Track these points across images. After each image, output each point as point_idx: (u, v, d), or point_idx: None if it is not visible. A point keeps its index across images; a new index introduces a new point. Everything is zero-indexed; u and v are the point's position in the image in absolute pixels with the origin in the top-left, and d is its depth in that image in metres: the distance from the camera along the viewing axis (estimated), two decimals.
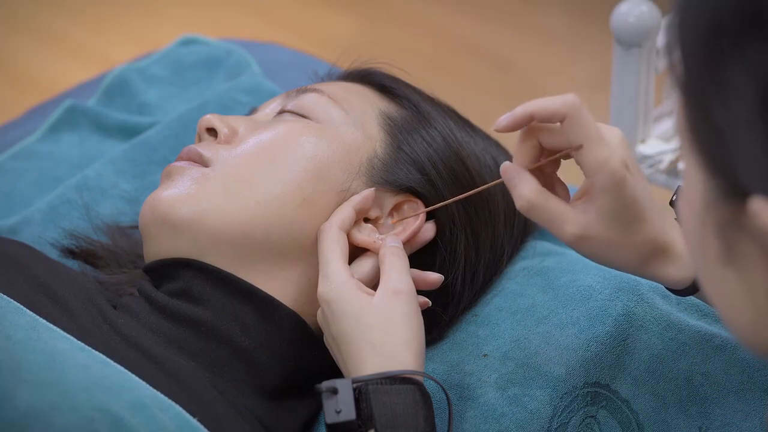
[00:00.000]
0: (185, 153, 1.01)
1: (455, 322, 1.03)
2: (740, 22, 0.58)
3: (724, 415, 0.95)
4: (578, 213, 0.85)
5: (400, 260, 0.94)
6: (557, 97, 0.85)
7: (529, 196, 0.85)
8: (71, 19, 2.56)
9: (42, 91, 1.87)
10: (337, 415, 0.85)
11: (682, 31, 0.61)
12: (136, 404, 0.85)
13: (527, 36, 2.57)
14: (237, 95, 1.34)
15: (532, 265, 1.06)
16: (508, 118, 0.86)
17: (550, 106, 0.85)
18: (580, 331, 0.98)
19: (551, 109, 0.84)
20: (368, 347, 0.88)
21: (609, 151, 0.83)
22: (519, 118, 0.85)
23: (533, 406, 0.96)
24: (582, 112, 0.83)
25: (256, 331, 0.96)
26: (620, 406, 0.96)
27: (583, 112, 0.83)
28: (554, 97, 0.85)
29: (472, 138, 1.07)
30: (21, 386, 0.82)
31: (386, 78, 1.09)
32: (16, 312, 0.90)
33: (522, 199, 0.85)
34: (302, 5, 2.66)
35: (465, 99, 1.31)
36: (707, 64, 0.59)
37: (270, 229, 0.97)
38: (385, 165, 1.01)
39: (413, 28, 2.60)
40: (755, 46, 0.57)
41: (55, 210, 1.21)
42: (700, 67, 0.60)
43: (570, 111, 0.83)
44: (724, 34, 0.58)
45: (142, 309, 0.98)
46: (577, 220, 0.84)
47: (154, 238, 0.99)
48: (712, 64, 0.59)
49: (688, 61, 0.61)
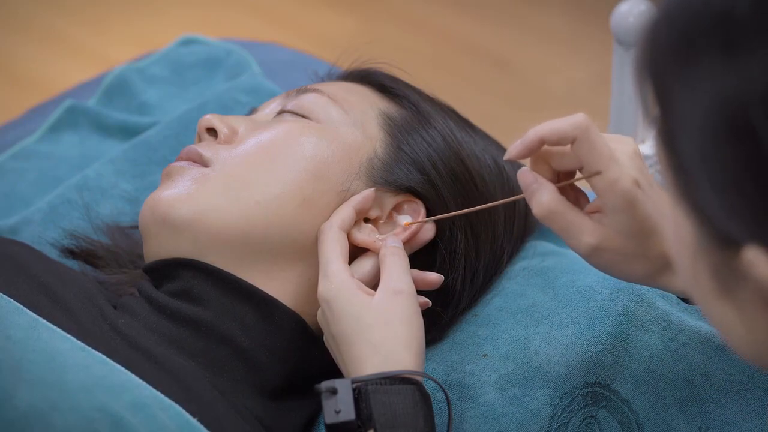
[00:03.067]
0: (185, 153, 1.01)
1: (455, 322, 1.03)
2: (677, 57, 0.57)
3: (724, 415, 0.95)
4: (595, 224, 0.84)
5: (401, 260, 0.94)
6: (566, 118, 0.84)
7: (548, 204, 0.84)
8: (71, 19, 2.56)
9: (42, 91, 1.87)
10: (337, 415, 0.85)
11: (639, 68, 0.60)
12: (136, 404, 0.85)
13: (527, 36, 2.57)
14: (237, 95, 1.34)
15: (532, 265, 1.06)
16: (518, 147, 0.85)
17: (560, 129, 0.84)
18: (580, 331, 0.98)
19: (561, 131, 0.84)
20: (368, 347, 0.88)
21: (619, 172, 0.82)
22: (529, 144, 0.85)
23: (533, 406, 0.96)
24: (591, 133, 0.83)
25: (256, 331, 0.96)
26: (620, 406, 0.96)
27: (593, 134, 0.83)
28: (563, 119, 0.84)
29: (472, 138, 1.07)
30: (21, 386, 0.82)
31: (386, 78, 1.09)
32: (16, 312, 0.90)
33: (541, 206, 0.85)
34: (302, 5, 2.66)
35: (465, 99, 1.31)
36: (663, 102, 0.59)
37: (270, 229, 0.97)
38: (385, 165, 1.01)
39: (413, 28, 2.60)
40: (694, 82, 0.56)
41: (55, 210, 1.21)
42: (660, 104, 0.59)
43: (580, 133, 0.83)
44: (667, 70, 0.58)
45: (143, 309, 0.98)
46: (595, 232, 0.84)
47: (154, 238, 0.99)
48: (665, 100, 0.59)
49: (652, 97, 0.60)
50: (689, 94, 0.56)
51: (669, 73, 0.58)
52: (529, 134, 0.85)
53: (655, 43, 0.59)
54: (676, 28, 0.57)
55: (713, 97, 0.55)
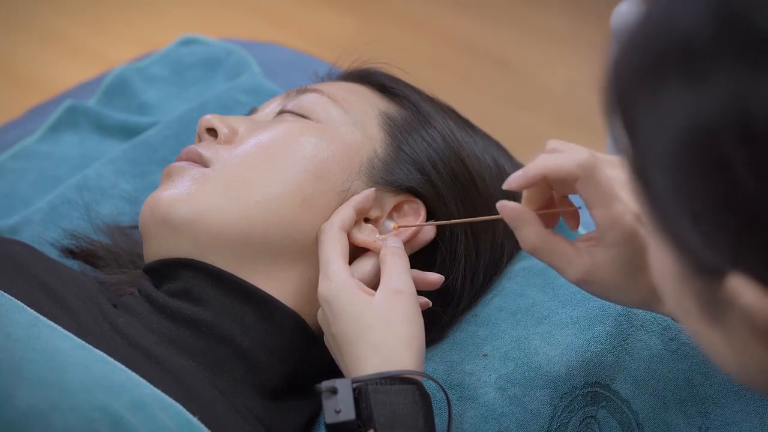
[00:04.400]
0: (185, 153, 1.01)
1: (455, 322, 1.04)
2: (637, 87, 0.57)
3: (724, 415, 0.95)
4: (583, 256, 0.84)
5: (401, 260, 0.94)
6: (572, 155, 0.83)
7: (534, 242, 0.85)
8: (71, 19, 2.55)
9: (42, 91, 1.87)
10: (337, 415, 0.85)
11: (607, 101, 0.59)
12: (136, 403, 0.85)
13: (527, 36, 2.57)
14: (237, 95, 1.34)
15: (532, 265, 1.06)
16: (519, 179, 0.84)
17: (564, 168, 0.83)
18: (580, 331, 0.98)
19: (565, 171, 0.83)
20: (368, 347, 0.88)
21: (622, 209, 0.82)
22: (531, 179, 0.84)
23: (533, 406, 0.96)
24: (596, 172, 0.82)
25: (256, 331, 0.96)
26: (620, 406, 0.96)
27: (597, 173, 0.82)
28: (568, 156, 0.83)
29: (472, 138, 1.07)
30: (21, 385, 0.82)
31: (386, 78, 1.09)
32: (17, 310, 0.90)
33: (525, 243, 0.85)
34: (302, 5, 2.66)
35: (465, 99, 1.31)
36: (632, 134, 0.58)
37: (270, 229, 0.97)
38: (385, 165, 1.01)
39: (413, 28, 2.59)
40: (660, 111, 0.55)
41: (55, 210, 1.21)
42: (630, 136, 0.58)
43: (584, 173, 0.82)
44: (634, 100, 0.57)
45: (143, 309, 0.98)
46: (580, 265, 0.84)
47: (154, 238, 0.99)
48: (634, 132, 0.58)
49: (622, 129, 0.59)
50: (656, 125, 0.55)
51: (636, 104, 0.57)
52: (531, 168, 0.84)
53: (621, 73, 0.58)
54: (641, 57, 0.56)
55: (680, 126, 0.54)
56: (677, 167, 0.55)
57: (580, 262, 0.84)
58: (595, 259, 0.84)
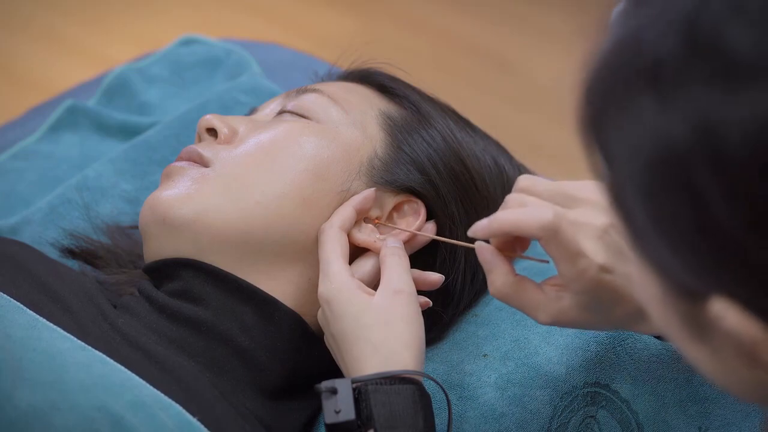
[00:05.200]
0: (185, 153, 1.01)
1: (455, 322, 1.04)
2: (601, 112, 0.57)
3: (724, 415, 0.95)
4: (550, 300, 0.85)
5: (401, 260, 0.94)
6: (535, 216, 0.83)
7: (501, 288, 0.86)
8: (71, 19, 2.56)
9: (42, 91, 1.87)
10: (337, 415, 0.85)
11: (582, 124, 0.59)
12: (136, 403, 0.85)
13: (527, 36, 2.57)
14: (237, 95, 1.34)
15: (533, 265, 1.06)
16: (484, 230, 0.85)
17: (525, 229, 0.83)
18: (580, 331, 0.98)
19: (527, 231, 0.84)
20: (368, 347, 0.88)
21: (586, 264, 0.82)
22: (495, 232, 0.85)
23: (533, 406, 0.96)
24: (559, 234, 0.82)
25: (256, 331, 0.96)
26: (620, 406, 0.96)
27: (560, 234, 0.82)
28: (533, 215, 0.83)
29: (472, 138, 1.07)
30: (21, 385, 0.82)
31: (386, 78, 1.09)
32: (17, 311, 0.90)
33: (494, 288, 0.86)
34: (302, 5, 2.66)
35: (465, 99, 1.31)
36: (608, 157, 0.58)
37: (270, 229, 0.97)
38: (385, 165, 1.01)
39: (413, 28, 2.60)
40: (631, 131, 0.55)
41: (55, 210, 1.21)
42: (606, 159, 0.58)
43: (546, 235, 0.83)
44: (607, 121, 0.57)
45: (143, 309, 0.98)
46: (550, 309, 0.85)
47: (154, 238, 0.99)
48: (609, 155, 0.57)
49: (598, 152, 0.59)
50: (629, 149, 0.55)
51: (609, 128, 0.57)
52: (494, 222, 0.85)
53: (593, 98, 0.58)
54: (612, 82, 0.56)
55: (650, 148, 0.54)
56: (652, 194, 0.55)
57: (549, 306, 0.85)
58: (563, 303, 0.84)
